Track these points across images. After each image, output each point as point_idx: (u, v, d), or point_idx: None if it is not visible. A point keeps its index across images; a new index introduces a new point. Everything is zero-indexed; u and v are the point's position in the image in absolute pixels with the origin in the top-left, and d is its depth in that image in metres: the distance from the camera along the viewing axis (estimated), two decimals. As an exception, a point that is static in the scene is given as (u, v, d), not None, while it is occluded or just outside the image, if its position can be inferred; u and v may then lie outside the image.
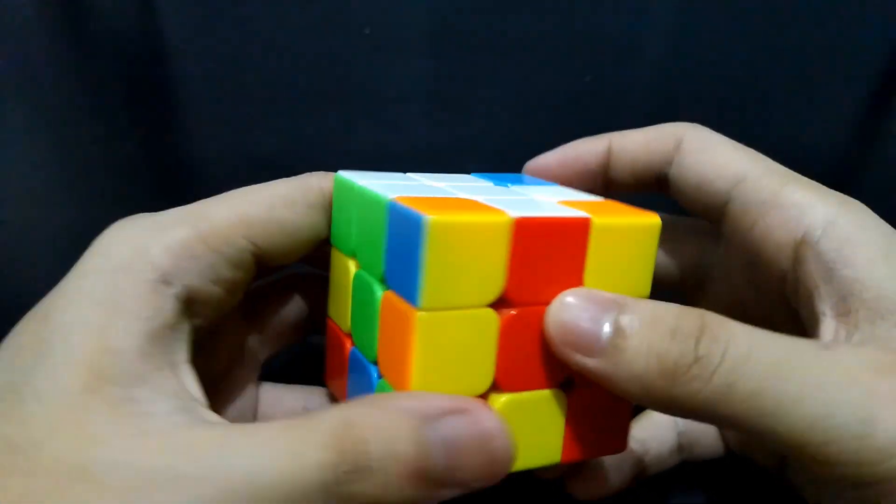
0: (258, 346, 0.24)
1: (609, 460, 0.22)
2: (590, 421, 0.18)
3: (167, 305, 0.17)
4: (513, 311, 0.17)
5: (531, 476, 0.23)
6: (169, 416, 0.16)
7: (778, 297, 0.20)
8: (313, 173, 0.21)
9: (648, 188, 0.23)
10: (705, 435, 0.24)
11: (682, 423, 0.24)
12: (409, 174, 0.22)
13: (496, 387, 0.18)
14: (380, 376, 0.19)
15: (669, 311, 0.16)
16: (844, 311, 0.17)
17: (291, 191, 0.20)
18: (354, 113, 0.22)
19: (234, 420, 0.22)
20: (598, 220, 0.18)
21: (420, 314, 0.16)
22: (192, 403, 0.17)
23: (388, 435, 0.15)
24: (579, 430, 0.18)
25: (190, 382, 0.18)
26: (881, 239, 0.17)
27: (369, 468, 0.14)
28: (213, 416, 0.17)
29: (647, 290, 0.19)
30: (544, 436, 0.18)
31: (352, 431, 0.14)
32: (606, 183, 0.23)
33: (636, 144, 0.22)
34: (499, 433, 0.15)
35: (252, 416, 0.23)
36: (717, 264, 0.23)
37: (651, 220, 0.19)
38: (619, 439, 0.19)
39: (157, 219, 0.19)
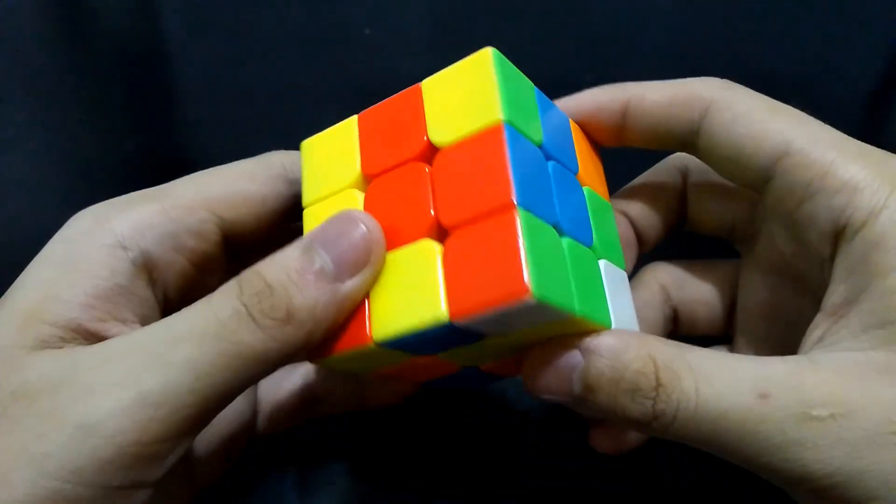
0: None
1: None
2: (474, 268, 0.16)
3: (122, 267, 0.18)
4: (371, 183, 0.19)
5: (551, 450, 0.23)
6: (94, 345, 0.17)
7: (820, 276, 0.19)
8: (274, 152, 0.22)
9: (672, 149, 0.21)
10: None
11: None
12: None
13: None
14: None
15: (630, 369, 0.17)
16: (840, 316, 0.17)
17: (253, 166, 0.21)
18: (354, 113, 0.22)
19: (232, 418, 0.22)
20: (427, 80, 0.19)
21: (304, 211, 0.20)
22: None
23: (278, 260, 0.17)
24: (461, 280, 0.16)
25: None
26: None
27: (269, 286, 0.16)
28: None
29: (498, 113, 0.17)
30: (423, 291, 0.17)
31: (246, 273, 0.17)
32: (621, 138, 0.21)
33: (656, 106, 0.20)
34: (361, 214, 0.18)
35: (252, 395, 0.23)
36: (762, 227, 0.21)
37: (480, 51, 0.18)
38: (514, 282, 0.15)
39: (123, 197, 0.20)
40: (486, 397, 0.26)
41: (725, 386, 0.16)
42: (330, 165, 0.20)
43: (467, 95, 0.18)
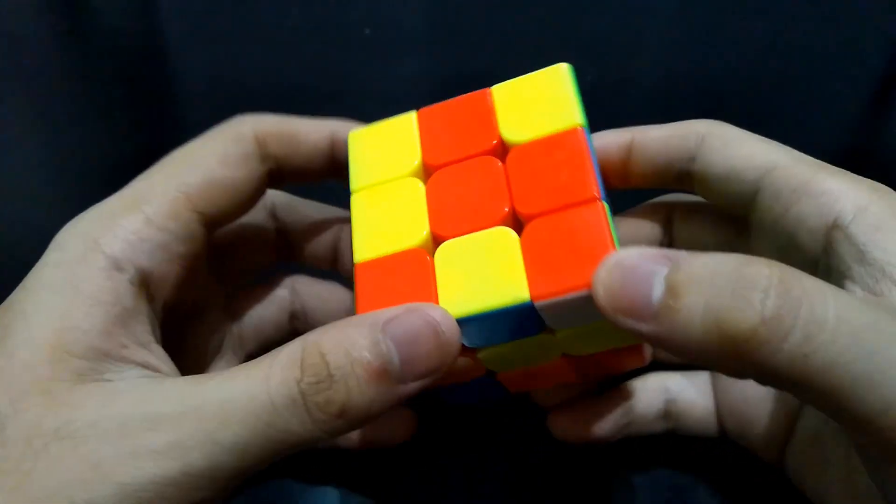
0: (239, 342, 0.24)
1: (594, 407, 0.22)
2: (557, 254, 0.16)
3: (123, 290, 0.18)
4: (436, 172, 0.19)
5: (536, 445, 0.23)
6: (137, 380, 0.17)
7: None
8: (244, 117, 0.21)
9: (670, 184, 0.22)
10: (693, 407, 0.23)
11: (672, 390, 0.23)
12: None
13: (440, 241, 0.19)
14: None
15: (729, 262, 0.13)
16: (878, 293, 0.16)
17: (224, 144, 0.20)
18: (354, 113, 0.22)
19: None
20: (498, 86, 0.20)
21: (352, 196, 0.20)
22: (160, 375, 0.18)
23: (345, 345, 0.16)
24: (543, 265, 0.17)
25: (158, 360, 0.18)
26: None
27: (330, 376, 0.15)
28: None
29: (579, 118, 0.19)
30: (503, 272, 0.17)
31: (311, 349, 0.16)
32: (626, 176, 0.22)
33: (657, 140, 0.21)
34: (443, 318, 0.16)
35: None
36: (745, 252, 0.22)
37: (557, 66, 0.20)
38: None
39: (104, 208, 0.19)
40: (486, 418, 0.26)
41: (861, 298, 0.14)
42: (384, 154, 0.20)
43: (543, 101, 0.19)
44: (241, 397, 0.16)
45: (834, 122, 0.35)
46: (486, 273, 0.17)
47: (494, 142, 0.19)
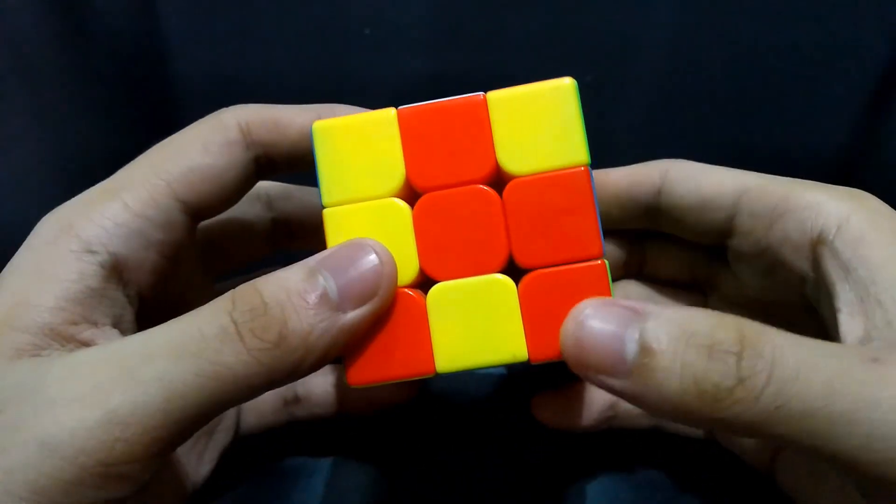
0: None
1: (579, 395, 0.22)
2: (554, 312, 0.16)
3: (90, 271, 0.18)
4: (424, 197, 0.18)
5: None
6: (72, 353, 0.16)
7: (797, 300, 0.19)
8: (227, 108, 0.21)
9: (638, 223, 0.22)
10: None
11: None
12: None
13: (427, 277, 0.18)
14: None
15: (702, 322, 0.14)
16: (862, 311, 0.16)
17: (206, 133, 0.20)
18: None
19: None
20: (494, 96, 0.18)
21: (325, 211, 0.18)
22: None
23: (280, 278, 0.16)
24: (542, 323, 0.16)
25: (106, 341, 0.18)
26: (894, 234, 0.17)
27: (265, 304, 0.15)
28: None
29: (585, 155, 0.17)
30: (502, 328, 0.17)
31: (243, 287, 0.16)
32: None
33: (619, 178, 0.21)
34: (375, 244, 0.17)
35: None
36: (722, 279, 0.22)
37: (561, 80, 0.18)
38: None
39: (83, 197, 0.19)
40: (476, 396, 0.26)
41: (827, 348, 0.14)
42: (360, 163, 0.18)
43: (546, 125, 0.17)
44: (165, 334, 0.15)
45: (833, 122, 0.35)
46: (483, 325, 0.17)
47: (491, 166, 0.18)
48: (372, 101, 0.35)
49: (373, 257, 0.17)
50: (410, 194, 0.18)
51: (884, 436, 0.13)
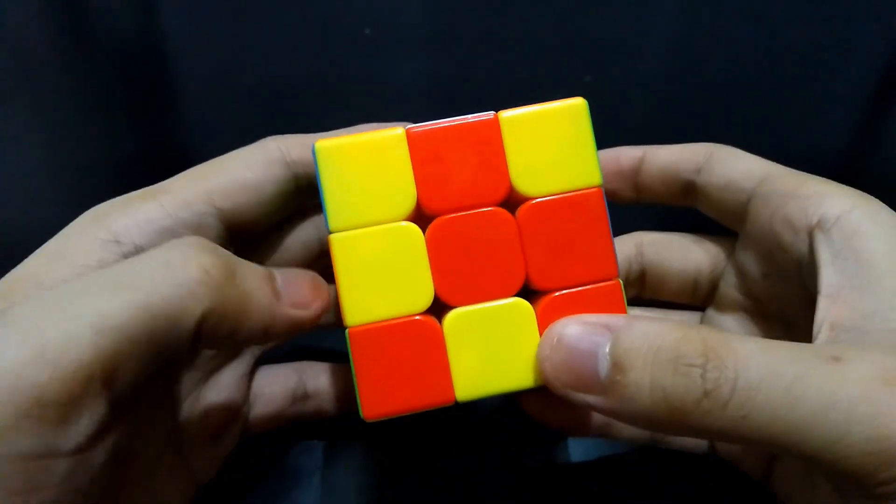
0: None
1: None
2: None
3: (111, 259, 0.18)
4: (437, 221, 0.17)
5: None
6: None
7: (794, 286, 0.20)
8: (269, 138, 0.21)
9: (677, 198, 0.23)
10: None
11: None
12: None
13: (440, 303, 0.17)
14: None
15: (668, 336, 0.14)
16: (842, 299, 0.17)
17: (249, 153, 0.21)
18: (355, 113, 0.22)
19: (222, 407, 0.22)
20: (506, 117, 0.18)
21: (332, 237, 0.17)
22: None
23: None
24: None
25: None
26: (892, 234, 0.17)
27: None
28: None
29: (598, 176, 0.17)
30: (521, 352, 0.17)
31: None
32: (637, 187, 0.24)
33: (669, 153, 0.23)
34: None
35: (245, 387, 0.23)
36: (730, 267, 0.23)
37: (573, 101, 0.18)
38: None
39: (126, 195, 0.20)
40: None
41: (789, 350, 0.14)
42: (369, 185, 0.17)
43: (560, 147, 0.17)
44: (107, 272, 0.15)
45: (834, 122, 0.35)
46: (502, 351, 0.17)
47: (505, 188, 0.17)
48: (372, 101, 0.35)
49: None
50: (420, 217, 0.18)
51: (842, 435, 0.13)
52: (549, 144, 0.17)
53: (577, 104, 0.18)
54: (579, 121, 0.18)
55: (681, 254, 0.24)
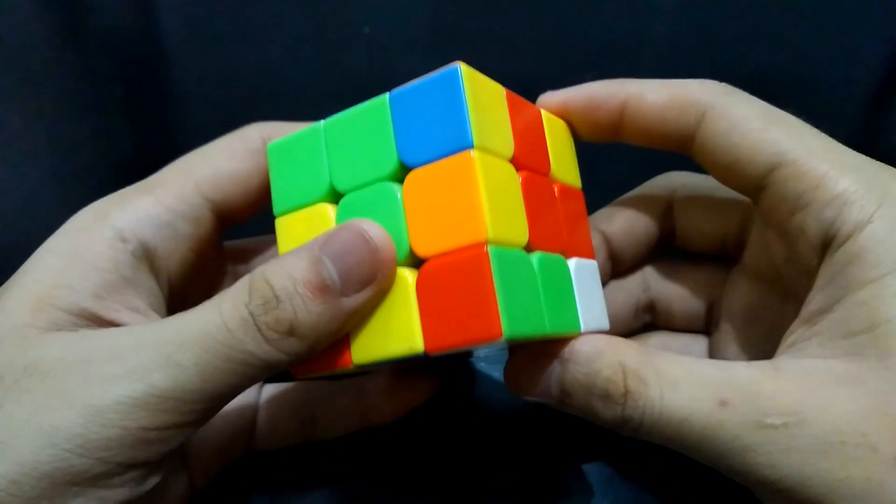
0: None
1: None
2: (448, 303, 0.16)
3: (124, 260, 0.19)
4: (525, 173, 0.18)
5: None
6: (104, 329, 0.18)
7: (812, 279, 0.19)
8: (250, 125, 0.22)
9: (668, 149, 0.21)
10: None
11: None
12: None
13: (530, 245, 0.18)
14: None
15: (601, 375, 0.17)
16: (815, 324, 0.17)
17: (232, 143, 0.22)
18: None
19: (230, 422, 0.22)
20: (543, 111, 0.20)
21: (478, 153, 0.17)
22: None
23: (287, 269, 0.17)
24: (437, 313, 0.17)
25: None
26: None
27: (276, 297, 0.17)
28: None
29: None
30: (400, 322, 0.17)
31: (256, 276, 0.17)
32: (618, 134, 0.21)
33: (654, 109, 0.20)
34: (371, 227, 0.17)
35: (254, 401, 0.23)
36: (755, 234, 0.22)
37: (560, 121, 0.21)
38: (488, 324, 0.16)
39: (120, 192, 0.20)
40: (475, 405, 0.26)
41: (688, 392, 0.17)
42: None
43: (565, 150, 0.20)
44: (196, 323, 0.17)
45: (834, 123, 0.35)
46: (387, 319, 0.17)
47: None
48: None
49: (371, 243, 0.17)
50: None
51: (731, 466, 0.17)
52: (563, 143, 0.20)
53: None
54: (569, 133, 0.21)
55: (687, 283, 0.24)
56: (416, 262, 0.17)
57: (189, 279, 0.21)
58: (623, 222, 0.23)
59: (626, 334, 0.24)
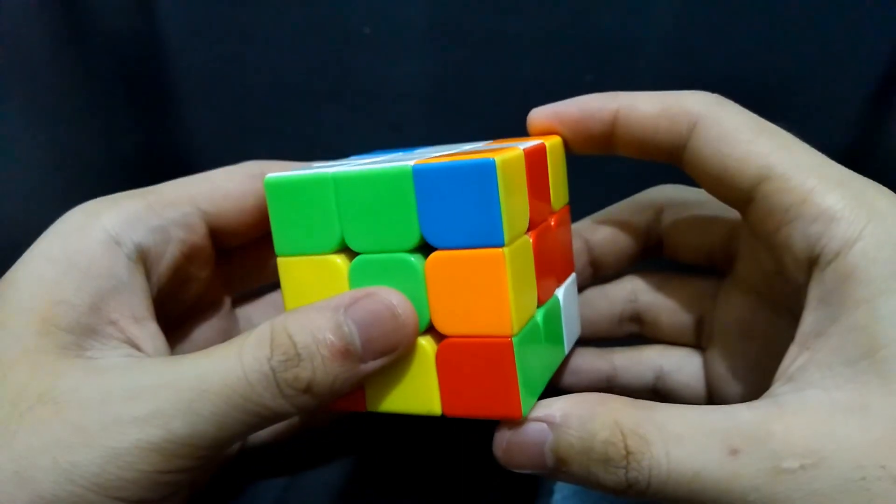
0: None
1: (572, 358, 0.23)
2: (469, 376, 0.18)
3: (119, 264, 0.19)
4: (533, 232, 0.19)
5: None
6: (117, 359, 0.18)
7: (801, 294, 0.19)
8: (250, 161, 0.22)
9: (660, 161, 0.21)
10: (685, 388, 0.23)
11: (665, 369, 0.23)
12: (329, 162, 0.22)
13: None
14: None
15: (598, 437, 0.17)
16: (811, 349, 0.17)
17: (230, 167, 0.22)
18: (354, 113, 0.22)
19: None
20: (548, 143, 0.20)
21: (507, 251, 0.17)
22: (140, 355, 0.19)
23: (310, 326, 0.17)
24: (455, 382, 0.18)
25: (147, 336, 0.19)
26: (891, 272, 0.16)
27: (298, 355, 0.17)
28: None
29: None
30: (421, 383, 0.18)
31: (279, 329, 0.17)
32: (610, 146, 0.21)
33: (646, 119, 0.20)
34: (400, 301, 0.18)
35: None
36: (744, 247, 0.22)
37: (557, 139, 0.21)
38: (509, 405, 0.18)
39: (108, 196, 0.20)
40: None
41: (695, 445, 0.16)
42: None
43: (558, 174, 0.20)
44: (217, 372, 0.17)
45: (834, 122, 0.35)
46: (407, 378, 0.18)
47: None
48: (371, 100, 0.35)
49: (397, 317, 0.18)
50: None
51: None
52: (557, 169, 0.20)
53: (559, 141, 0.20)
54: (562, 154, 0.20)
55: (675, 296, 0.24)
56: (434, 331, 0.18)
57: (180, 284, 0.21)
58: (607, 231, 0.23)
59: (606, 342, 0.24)
